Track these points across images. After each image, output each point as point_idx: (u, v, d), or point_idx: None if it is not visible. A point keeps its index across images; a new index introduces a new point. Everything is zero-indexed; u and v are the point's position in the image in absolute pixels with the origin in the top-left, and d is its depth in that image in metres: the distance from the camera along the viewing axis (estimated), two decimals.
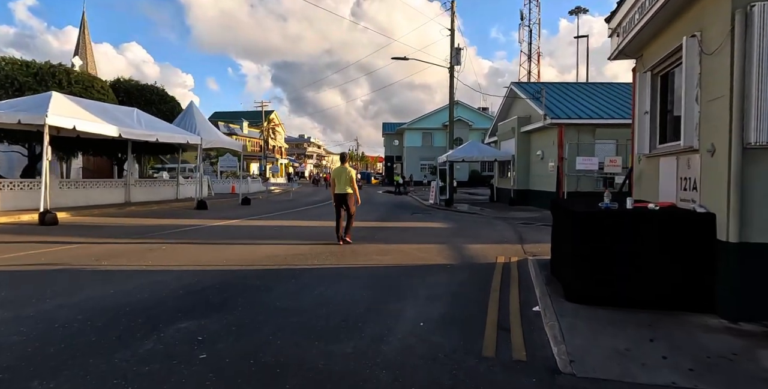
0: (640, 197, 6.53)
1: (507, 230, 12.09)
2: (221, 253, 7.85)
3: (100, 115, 13.62)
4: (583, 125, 17.19)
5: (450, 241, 9.70)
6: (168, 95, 21.02)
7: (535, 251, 8.56)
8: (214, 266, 6.83)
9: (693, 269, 4.40)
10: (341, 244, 8.91)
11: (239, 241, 9.30)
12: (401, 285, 5.77)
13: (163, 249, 8.17)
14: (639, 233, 4.52)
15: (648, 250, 4.49)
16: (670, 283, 4.44)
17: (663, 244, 4.47)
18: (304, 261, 7.24)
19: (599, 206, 5.07)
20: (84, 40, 37.86)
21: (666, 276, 4.45)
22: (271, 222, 13.24)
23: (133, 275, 6.10)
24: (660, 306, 4.45)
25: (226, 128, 62.87)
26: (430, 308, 4.81)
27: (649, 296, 4.49)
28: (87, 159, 28.41)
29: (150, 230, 10.65)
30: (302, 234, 10.61)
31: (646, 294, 4.49)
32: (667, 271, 4.45)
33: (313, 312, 4.60)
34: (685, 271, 4.42)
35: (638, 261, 4.50)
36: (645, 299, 4.49)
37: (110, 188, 17.58)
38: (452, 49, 22.12)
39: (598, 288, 4.58)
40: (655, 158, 6.11)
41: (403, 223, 13.72)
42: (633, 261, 4.51)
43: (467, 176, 46.34)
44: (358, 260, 7.47)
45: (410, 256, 7.87)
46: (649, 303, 4.47)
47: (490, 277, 6.29)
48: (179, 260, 7.15)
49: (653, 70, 6.17)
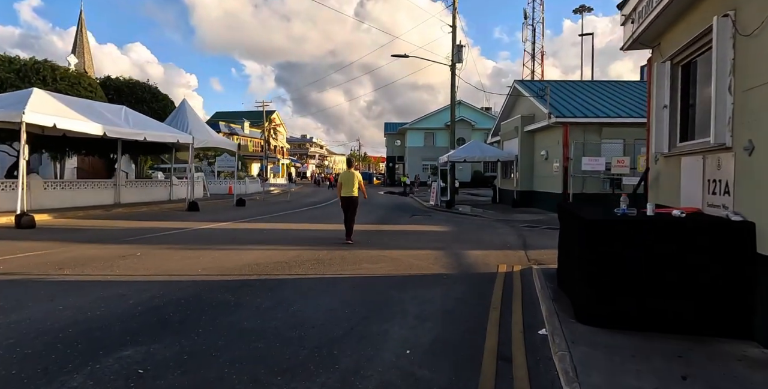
0: (658, 201, 5.87)
1: (510, 234, 11.44)
2: (199, 260, 7.23)
3: (84, 113, 13.05)
4: (589, 124, 16.50)
5: (449, 247, 9.05)
6: (161, 93, 20.44)
7: (539, 258, 7.91)
8: (187, 275, 6.21)
9: (728, 287, 3.75)
10: (350, 242, 9.33)
11: (223, 246, 8.69)
12: (390, 301, 5.13)
13: (137, 256, 7.56)
14: (664, 244, 3.87)
15: (674, 265, 3.84)
16: (701, 304, 3.79)
17: (692, 258, 3.82)
18: (287, 270, 6.62)
19: (615, 213, 4.42)
20: (82, 39, 37.41)
21: (695, 296, 3.80)
22: (262, 225, 12.63)
23: (94, 287, 5.49)
24: (688, 330, 3.80)
25: (228, 128, 62.42)
26: (420, 330, 4.17)
27: (676, 318, 3.83)
28: (82, 159, 27.87)
29: (131, 234, 10.05)
30: (292, 238, 9.99)
31: (672, 316, 3.84)
32: (696, 289, 3.79)
33: (283, 335, 3.97)
34: (718, 290, 3.76)
35: (662, 278, 3.85)
36: (670, 322, 3.84)
37: (99, 189, 17.01)
38: (454, 46, 21.47)
39: (615, 309, 3.93)
40: (675, 157, 5.45)
41: (400, 226, 13.08)
42: (656, 278, 3.86)
43: (470, 176, 45.60)
44: (346, 269, 6.83)
45: (404, 264, 7.23)
46: (675, 327, 3.82)
47: (490, 290, 5.65)
48: (150, 269, 6.53)
49: (673, 60, 5.51)
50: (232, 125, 65.47)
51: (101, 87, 17.87)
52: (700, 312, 3.80)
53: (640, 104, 18.08)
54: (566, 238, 5.39)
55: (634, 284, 3.88)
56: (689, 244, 3.83)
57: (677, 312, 3.82)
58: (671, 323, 3.83)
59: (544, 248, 9.17)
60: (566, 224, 5.42)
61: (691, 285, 3.79)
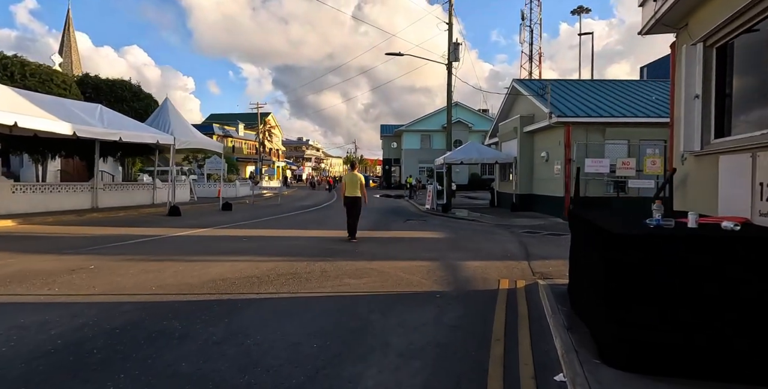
0: (684, 208, 5.01)
1: (510, 241, 10.58)
2: (158, 275, 6.33)
3: (54, 111, 12.14)
4: (592, 124, 15.68)
5: (443, 257, 8.17)
6: (143, 92, 19.51)
7: (545, 270, 7.06)
8: (137, 295, 5.32)
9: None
10: (355, 241, 9.83)
11: (191, 257, 7.79)
12: (370, 330, 4.25)
13: (90, 269, 6.65)
14: (716, 266, 3.00)
15: (729, 293, 2.97)
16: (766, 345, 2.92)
17: (754, 284, 2.95)
18: (256, 288, 5.72)
19: (646, 224, 3.56)
20: (69, 39, 36.56)
21: (759, 334, 2.93)
22: (243, 232, 11.72)
23: (17, 312, 4.58)
24: (748, 378, 2.93)
25: (222, 130, 61.49)
26: (404, 374, 3.29)
27: (732, 362, 2.96)
28: (66, 162, 26.93)
29: (95, 243, 9.13)
30: (272, 247, 9.10)
31: (728, 360, 2.96)
32: (759, 326, 2.92)
33: (228, 383, 3.09)
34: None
35: (713, 309, 2.98)
36: (726, 367, 2.97)
37: (75, 193, 16.04)
38: (450, 43, 20.66)
39: (655, 349, 3.06)
40: (710, 156, 4.60)
41: (393, 232, 12.20)
42: (705, 309, 2.99)
43: (467, 179, 44.77)
44: (324, 285, 5.94)
45: (392, 279, 6.35)
46: (732, 374, 2.95)
47: (492, 313, 4.77)
48: (97, 287, 5.63)
49: (706, 42, 4.67)
50: (227, 127, 64.51)
51: (79, 85, 16.95)
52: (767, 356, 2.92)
53: (645, 103, 17.30)
54: (581, 252, 4.52)
55: (680, 318, 3.01)
56: (751, 266, 2.96)
57: (736, 356, 2.95)
58: (729, 370, 2.95)
59: (548, 258, 8.33)
60: (581, 236, 4.56)
61: (753, 321, 2.92)
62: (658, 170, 14.14)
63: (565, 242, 10.73)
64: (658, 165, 14.12)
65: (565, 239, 11.15)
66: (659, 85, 20.28)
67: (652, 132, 15.76)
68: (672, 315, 3.00)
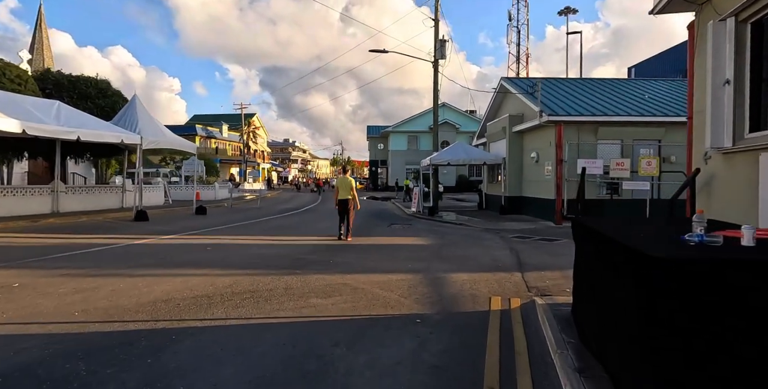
0: (710, 214, 4.21)
1: (500, 248, 9.76)
2: (91, 295, 5.36)
3: (3, 107, 11.06)
4: (585, 123, 14.98)
5: (427, 268, 7.31)
6: (111, 89, 18.35)
7: (541, 285, 6.23)
8: (53, 324, 4.36)
9: None
10: (348, 240, 10.30)
11: (141, 271, 6.81)
12: (331, 374, 3.35)
13: (13, 287, 5.66)
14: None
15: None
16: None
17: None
18: (203, 312, 4.79)
19: (686, 241, 2.72)
20: (41, 35, 35.11)
21: None
22: (211, 239, 10.72)
23: None
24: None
25: (205, 131, 60.07)
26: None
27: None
28: (34, 163, 25.60)
29: (36, 254, 8.09)
30: (238, 257, 8.15)
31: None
32: None
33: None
34: None
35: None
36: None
37: (33, 197, 14.87)
38: (436, 40, 19.85)
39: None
40: (745, 153, 3.81)
41: (374, 238, 11.32)
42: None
43: (454, 180, 44.06)
44: (285, 307, 5.03)
45: (366, 298, 5.46)
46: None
47: (483, 346, 3.91)
48: (8, 312, 4.65)
49: (739, 16, 3.88)
50: (210, 128, 63.03)
51: (40, 81, 15.78)
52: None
53: (638, 101, 16.68)
54: (592, 272, 3.68)
55: (742, 372, 2.17)
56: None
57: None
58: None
59: (543, 268, 7.51)
60: (592, 252, 3.72)
61: None
62: (653, 171, 13.49)
63: (560, 248, 10.02)
64: (653, 166, 13.48)
65: (558, 245, 10.41)
66: (651, 83, 19.74)
67: (646, 132, 15.15)
68: (739, 371, 2.15)
